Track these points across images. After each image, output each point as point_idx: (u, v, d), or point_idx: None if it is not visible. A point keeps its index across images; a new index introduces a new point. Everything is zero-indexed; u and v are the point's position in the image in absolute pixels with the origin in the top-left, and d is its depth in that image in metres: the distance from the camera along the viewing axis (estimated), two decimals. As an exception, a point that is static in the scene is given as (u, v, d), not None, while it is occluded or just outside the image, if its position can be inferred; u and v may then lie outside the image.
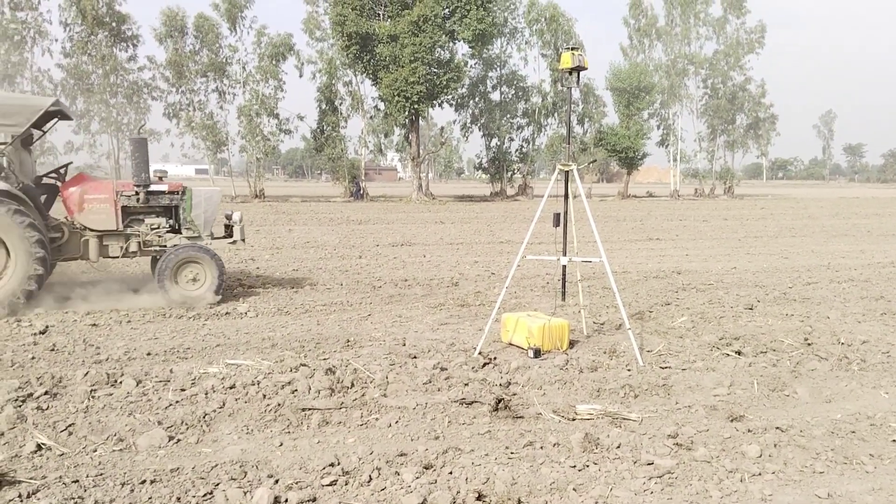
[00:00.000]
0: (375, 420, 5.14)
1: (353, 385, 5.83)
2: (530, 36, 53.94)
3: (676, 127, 59.87)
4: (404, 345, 7.39)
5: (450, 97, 47.43)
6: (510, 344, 7.40)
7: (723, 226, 26.33)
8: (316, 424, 5.02)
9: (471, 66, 50.60)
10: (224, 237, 10.75)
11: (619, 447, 4.66)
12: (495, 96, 53.36)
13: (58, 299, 9.49)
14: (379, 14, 43.80)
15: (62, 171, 10.50)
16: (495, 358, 6.88)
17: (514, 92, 53.67)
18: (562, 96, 51.59)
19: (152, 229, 10.19)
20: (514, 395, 5.81)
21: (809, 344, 7.48)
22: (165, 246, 10.10)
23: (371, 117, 48.89)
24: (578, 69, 7.70)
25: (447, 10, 43.31)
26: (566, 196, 7.76)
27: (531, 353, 6.90)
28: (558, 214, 7.71)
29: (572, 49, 7.70)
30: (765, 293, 10.88)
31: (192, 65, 44.92)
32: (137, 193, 10.13)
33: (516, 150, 54.66)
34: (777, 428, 5.04)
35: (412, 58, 41.63)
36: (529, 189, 54.30)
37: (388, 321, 8.79)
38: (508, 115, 53.65)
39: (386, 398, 5.59)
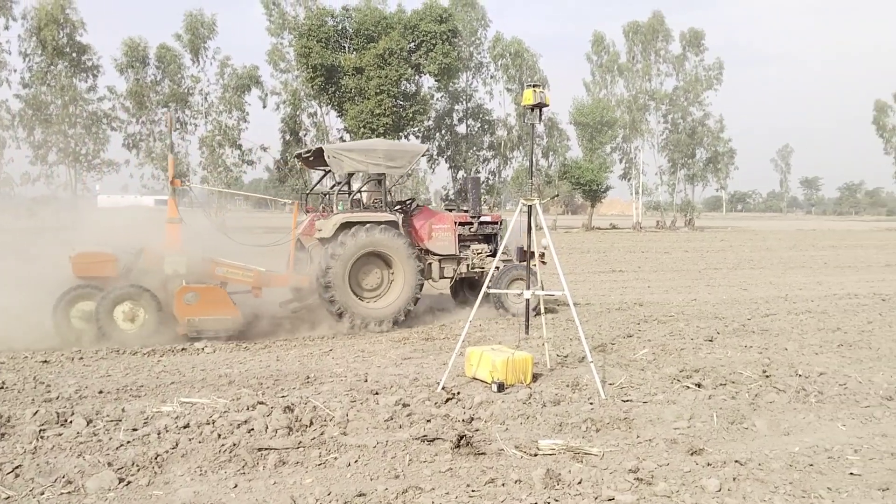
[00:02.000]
0: (334, 459, 5.03)
1: (311, 423, 5.73)
2: (496, 70, 54.81)
3: (638, 161, 61.05)
4: (366, 380, 7.29)
5: (416, 129, 47.74)
6: (474, 378, 7.35)
7: (684, 258, 26.70)
8: (272, 465, 4.90)
9: (437, 100, 51.16)
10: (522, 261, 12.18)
11: (580, 483, 4.63)
12: (461, 129, 53.95)
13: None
14: (344, 46, 44.11)
15: (409, 203, 12.20)
16: (459, 392, 6.82)
17: (479, 125, 54.31)
18: (527, 130, 52.23)
19: (476, 254, 11.88)
20: (477, 430, 5.75)
21: (768, 376, 7.53)
22: (483, 268, 11.81)
23: (337, 149, 48.88)
24: (540, 106, 7.80)
25: (413, 43, 43.80)
26: (529, 230, 7.80)
27: (495, 388, 6.86)
28: (521, 248, 7.73)
29: (534, 86, 7.80)
30: (724, 325, 10.99)
31: (153, 95, 44.62)
32: (472, 223, 11.92)
33: (483, 182, 55.06)
34: (736, 461, 5.05)
35: (378, 90, 41.91)
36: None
37: (350, 356, 8.69)
38: (474, 148, 54.20)
39: (346, 436, 5.49)
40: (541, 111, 7.92)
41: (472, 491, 4.51)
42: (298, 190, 48.03)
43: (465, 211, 12.37)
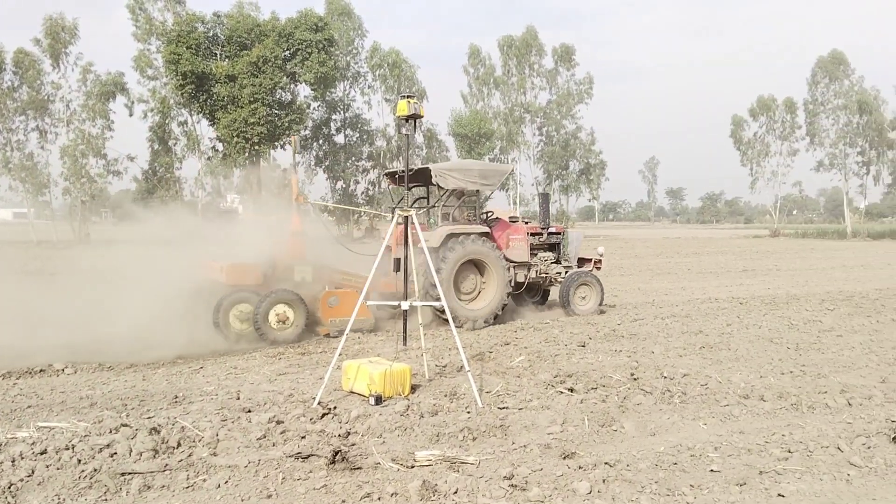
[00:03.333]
0: (203, 481, 4.82)
1: (179, 445, 5.47)
2: (373, 80, 54.80)
3: (515, 172, 62.60)
4: (238, 398, 7.03)
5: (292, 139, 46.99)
6: (351, 392, 7.25)
7: (559, 266, 27.50)
8: (136, 490, 4.64)
9: (314, 109, 50.60)
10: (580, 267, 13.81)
11: (455, 493, 4.65)
12: (339, 139, 53.58)
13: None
14: (216, 54, 42.88)
15: (489, 215, 13.51)
16: (335, 407, 6.70)
17: (358, 135, 54.09)
18: (404, 140, 52.55)
19: (543, 261, 13.30)
20: (353, 445, 5.67)
21: (636, 379, 7.84)
22: (548, 274, 13.33)
23: (209, 158, 47.44)
24: (415, 116, 7.84)
25: (288, 52, 43.14)
26: (406, 241, 7.80)
27: (372, 401, 6.78)
28: (398, 259, 7.74)
29: (409, 97, 7.83)
30: (596, 330, 11.39)
31: (9, 102, 41.89)
32: (542, 234, 13.48)
33: (362, 192, 54.89)
34: (606, 463, 5.22)
35: (252, 98, 41.00)
36: (376, 231, 54.46)
37: (221, 373, 8.37)
38: (353, 158, 53.91)
39: (216, 457, 5.28)
40: (416, 122, 7.97)
41: (348, 507, 4.44)
42: (168, 201, 46.33)
43: (527, 222, 13.85)
